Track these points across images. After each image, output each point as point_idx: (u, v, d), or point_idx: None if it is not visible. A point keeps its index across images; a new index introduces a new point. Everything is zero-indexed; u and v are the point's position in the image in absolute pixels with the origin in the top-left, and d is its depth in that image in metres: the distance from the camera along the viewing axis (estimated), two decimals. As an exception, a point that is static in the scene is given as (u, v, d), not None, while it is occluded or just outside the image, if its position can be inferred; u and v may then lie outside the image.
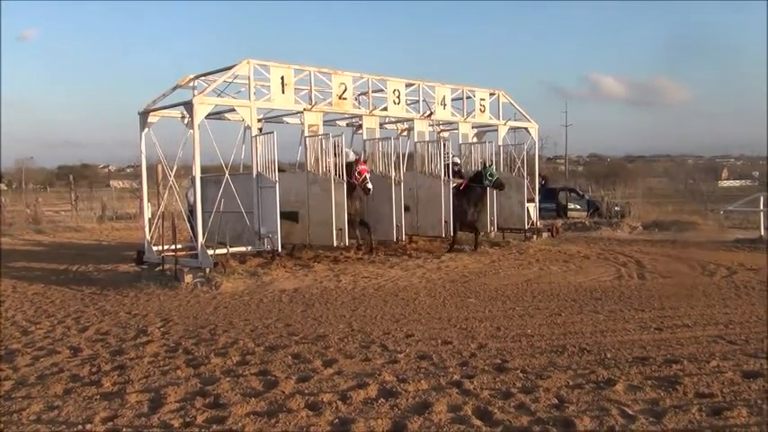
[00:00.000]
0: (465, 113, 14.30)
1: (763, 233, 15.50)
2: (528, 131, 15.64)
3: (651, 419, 4.05)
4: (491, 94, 14.78)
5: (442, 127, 15.16)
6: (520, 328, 6.75)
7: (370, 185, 11.72)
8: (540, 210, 15.60)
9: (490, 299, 8.50)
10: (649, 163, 78.72)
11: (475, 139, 15.13)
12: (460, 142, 14.66)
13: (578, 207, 24.60)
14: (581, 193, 27.22)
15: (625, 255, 12.68)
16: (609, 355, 5.56)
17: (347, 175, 11.57)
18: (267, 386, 4.85)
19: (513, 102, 15.07)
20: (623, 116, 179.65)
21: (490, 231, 14.73)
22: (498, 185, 13.26)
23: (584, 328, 6.65)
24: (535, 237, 15.02)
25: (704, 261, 11.58)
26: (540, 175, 16.93)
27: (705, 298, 8.36)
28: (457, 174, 13.72)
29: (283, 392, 4.68)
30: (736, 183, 60.45)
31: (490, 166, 13.38)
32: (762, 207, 16.92)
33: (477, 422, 4.07)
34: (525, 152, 15.35)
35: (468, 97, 14.33)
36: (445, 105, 13.95)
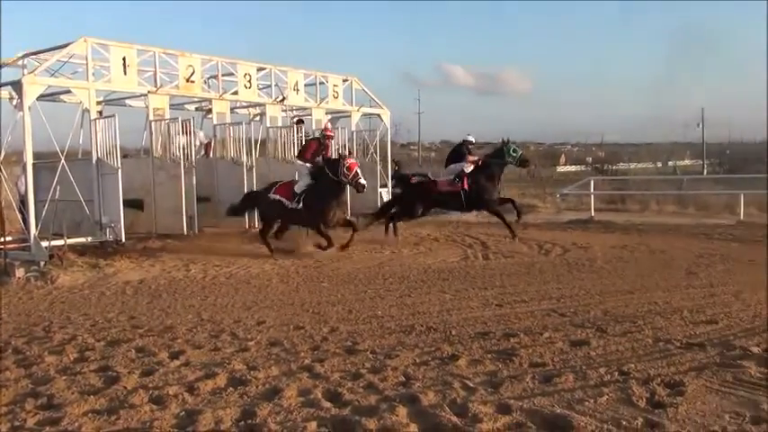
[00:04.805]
0: (318, 99, 14.29)
1: (593, 214, 16.90)
2: (381, 118, 15.90)
3: (489, 390, 4.30)
4: (344, 81, 14.87)
5: (295, 112, 15.05)
6: (371, 310, 6.89)
7: (363, 181, 10.39)
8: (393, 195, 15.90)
9: (343, 282, 8.61)
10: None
11: (329, 125, 15.17)
12: (314, 128, 14.66)
13: None
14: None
15: (471, 237, 13.29)
16: (453, 332, 5.83)
17: (333, 173, 10.44)
18: (107, 382, 4.60)
19: (365, 88, 15.26)
20: (472, 105, 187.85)
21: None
22: (523, 162, 12.85)
23: (432, 308, 6.92)
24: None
25: (541, 241, 12.41)
26: (393, 160, 17.28)
27: (541, 275, 8.98)
28: (469, 153, 13.15)
29: (125, 388, 4.46)
30: (573, 168, 65.14)
31: (512, 141, 12.72)
32: (592, 190, 18.48)
33: (327, 404, 4.12)
34: (378, 138, 15.63)
35: (322, 83, 14.33)
36: (298, 91, 13.86)
